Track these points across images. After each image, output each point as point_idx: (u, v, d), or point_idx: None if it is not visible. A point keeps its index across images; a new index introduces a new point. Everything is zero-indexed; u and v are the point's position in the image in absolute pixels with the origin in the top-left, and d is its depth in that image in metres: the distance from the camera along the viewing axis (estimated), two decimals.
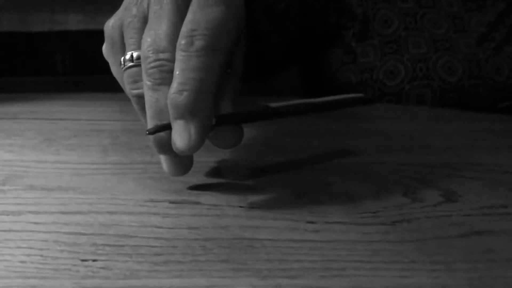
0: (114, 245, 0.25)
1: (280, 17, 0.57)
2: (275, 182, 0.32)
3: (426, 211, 0.29)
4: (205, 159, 0.35)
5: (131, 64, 0.30)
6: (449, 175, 0.34)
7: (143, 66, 0.29)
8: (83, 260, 0.24)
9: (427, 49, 0.56)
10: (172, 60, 0.28)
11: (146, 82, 0.29)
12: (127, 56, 0.31)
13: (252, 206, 0.29)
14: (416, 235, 0.26)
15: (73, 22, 0.69)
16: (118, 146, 0.40)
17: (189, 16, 0.29)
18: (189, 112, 0.27)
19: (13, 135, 0.45)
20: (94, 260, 0.24)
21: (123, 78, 0.32)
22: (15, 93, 0.57)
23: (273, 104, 0.32)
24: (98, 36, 0.37)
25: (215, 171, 0.34)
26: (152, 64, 0.28)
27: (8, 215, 0.28)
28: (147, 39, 0.29)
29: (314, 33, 0.62)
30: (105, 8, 0.78)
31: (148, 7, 0.31)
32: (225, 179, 0.33)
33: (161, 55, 0.28)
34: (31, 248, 0.25)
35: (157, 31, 0.29)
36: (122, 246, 0.25)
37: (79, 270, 0.23)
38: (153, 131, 0.28)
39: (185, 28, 0.28)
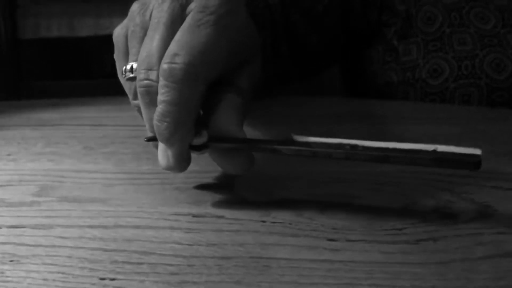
0: (133, 263, 0.26)
1: (319, 18, 0.56)
2: (299, 195, 0.32)
3: (456, 228, 0.28)
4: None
5: (131, 75, 0.31)
6: (485, 186, 0.33)
7: (136, 83, 0.30)
8: (101, 279, 0.24)
9: (473, 45, 0.54)
10: None
11: (140, 99, 0.30)
12: (128, 67, 0.32)
13: (274, 221, 0.29)
14: (441, 256, 0.25)
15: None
16: (150, 154, 0.40)
17: (177, 35, 0.29)
18: (167, 140, 0.29)
19: (56, 143, 0.46)
20: (112, 279, 0.24)
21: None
22: (62, 98, 0.59)
23: (309, 139, 0.28)
24: None
25: (240, 185, 0.34)
26: (142, 83, 0.29)
27: (39, 229, 0.29)
28: (142, 54, 0.30)
29: (355, 32, 0.60)
30: None
31: (150, 17, 0.31)
32: (248, 192, 0.33)
33: (151, 74, 0.29)
34: (55, 264, 0.26)
35: (151, 45, 0.29)
36: (141, 264, 0.25)
37: None
38: (148, 139, 0.31)
39: (170, 48, 0.28)
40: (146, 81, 0.29)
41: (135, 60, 0.31)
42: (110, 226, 0.29)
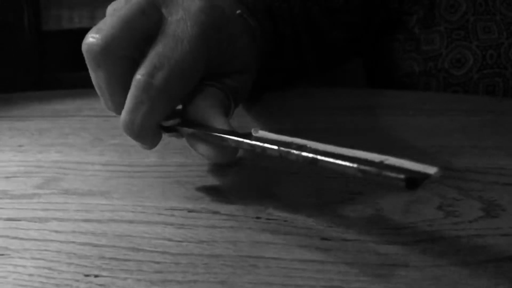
0: (120, 259, 0.25)
1: (339, 11, 0.54)
2: (299, 190, 0.31)
3: (459, 228, 0.26)
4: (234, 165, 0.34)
5: None
6: (497, 182, 0.31)
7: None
8: (86, 275, 0.24)
9: (499, 34, 0.51)
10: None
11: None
12: None
13: (269, 218, 0.28)
14: (439, 259, 0.24)
15: None
16: (158, 146, 0.40)
17: (158, 46, 0.28)
18: (136, 136, 0.30)
19: (67, 134, 0.46)
20: (96, 276, 0.24)
21: None
22: (80, 88, 0.59)
23: (265, 134, 0.26)
24: None
25: (239, 180, 0.33)
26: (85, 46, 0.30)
27: (35, 222, 0.29)
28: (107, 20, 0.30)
29: (375, 22, 0.58)
30: None
31: None
32: (247, 187, 0.32)
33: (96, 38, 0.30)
34: (43, 259, 0.26)
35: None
36: (128, 260, 0.25)
37: (79, 287, 0.23)
38: None
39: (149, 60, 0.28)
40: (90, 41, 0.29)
41: None
42: (104, 220, 0.29)
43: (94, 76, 0.30)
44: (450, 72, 0.53)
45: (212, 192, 0.31)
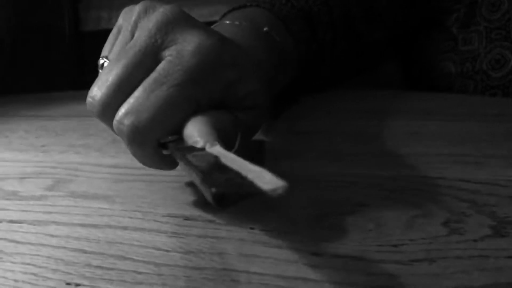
0: (105, 268, 0.25)
1: (381, 13, 0.53)
2: (299, 200, 0.30)
3: (460, 247, 0.24)
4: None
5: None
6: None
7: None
8: (67, 284, 0.24)
9: None
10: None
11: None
12: (100, 62, 0.33)
13: (263, 229, 0.27)
14: (432, 281, 0.22)
15: None
16: None
17: (136, 91, 0.28)
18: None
19: (90, 135, 0.47)
20: (77, 285, 0.24)
21: None
22: None
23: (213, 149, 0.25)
24: None
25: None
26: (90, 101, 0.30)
27: (35, 225, 0.30)
28: (102, 77, 0.29)
29: (415, 21, 0.56)
30: (204, 1, 0.79)
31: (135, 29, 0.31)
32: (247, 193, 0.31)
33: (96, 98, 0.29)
34: (32, 265, 0.26)
35: (109, 76, 0.29)
36: (112, 269, 0.25)
37: None
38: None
39: (122, 106, 0.28)
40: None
41: (106, 57, 0.32)
42: (101, 226, 0.29)
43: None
44: (489, 74, 0.50)
45: (213, 200, 0.31)
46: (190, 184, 0.33)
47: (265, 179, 0.18)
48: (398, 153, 0.35)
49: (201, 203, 0.31)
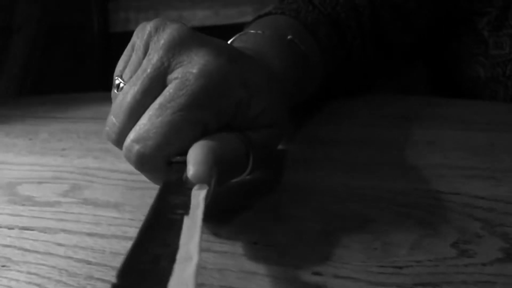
0: (106, 281, 0.25)
1: (411, 16, 0.51)
2: (307, 214, 0.29)
3: (468, 271, 0.23)
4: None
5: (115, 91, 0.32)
6: None
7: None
8: None
9: None
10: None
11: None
12: (116, 82, 0.32)
13: (267, 244, 0.27)
14: None
15: (200, 18, 0.71)
16: None
17: (142, 118, 0.28)
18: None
19: None
20: None
21: None
22: None
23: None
24: (220, 31, 0.37)
25: (249, 197, 0.32)
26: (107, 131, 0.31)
27: (45, 232, 0.30)
28: (118, 101, 0.29)
29: (444, 24, 0.54)
30: (231, 2, 0.78)
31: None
32: (256, 207, 0.31)
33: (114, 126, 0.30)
34: (37, 275, 0.26)
35: (124, 100, 0.29)
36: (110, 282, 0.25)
37: None
38: None
39: (130, 134, 0.28)
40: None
41: (120, 76, 0.31)
42: (108, 235, 0.29)
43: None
44: None
45: (220, 211, 0.31)
46: None
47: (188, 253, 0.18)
48: (414, 164, 0.34)
49: (207, 214, 0.30)
